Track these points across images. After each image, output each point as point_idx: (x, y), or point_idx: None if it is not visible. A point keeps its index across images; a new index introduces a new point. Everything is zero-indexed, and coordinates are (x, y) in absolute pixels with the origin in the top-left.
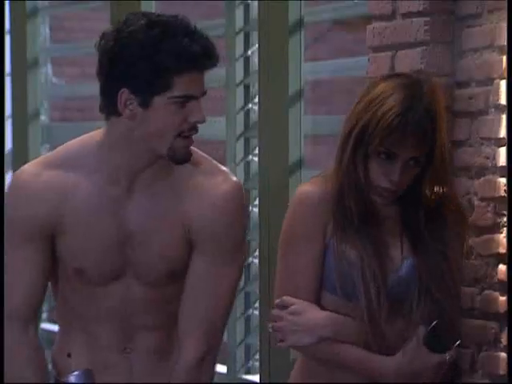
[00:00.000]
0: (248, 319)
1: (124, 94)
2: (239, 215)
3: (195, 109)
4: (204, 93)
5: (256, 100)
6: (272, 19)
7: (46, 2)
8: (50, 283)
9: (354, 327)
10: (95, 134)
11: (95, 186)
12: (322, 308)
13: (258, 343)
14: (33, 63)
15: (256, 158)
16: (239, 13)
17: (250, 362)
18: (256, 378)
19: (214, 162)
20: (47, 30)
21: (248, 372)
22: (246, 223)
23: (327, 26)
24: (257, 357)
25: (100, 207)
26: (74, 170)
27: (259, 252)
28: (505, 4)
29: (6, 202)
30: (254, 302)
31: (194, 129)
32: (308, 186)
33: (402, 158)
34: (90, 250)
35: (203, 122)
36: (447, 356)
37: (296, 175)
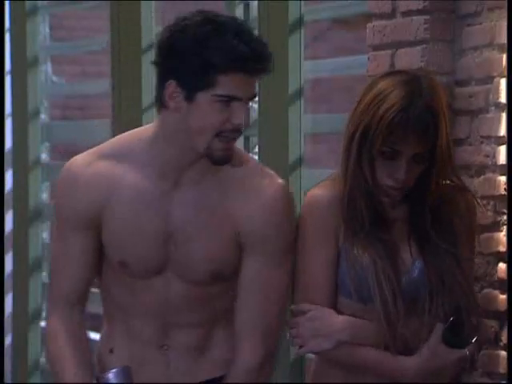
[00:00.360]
0: None
1: (171, 86)
2: (288, 216)
3: (238, 111)
4: (252, 97)
5: (256, 98)
6: (272, 18)
7: (46, 1)
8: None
9: (371, 330)
10: (148, 128)
11: (144, 179)
12: (339, 313)
13: None
14: (33, 62)
15: (256, 157)
16: (239, 12)
17: None
18: None
19: (260, 163)
20: (47, 29)
21: None
22: (295, 224)
23: (327, 24)
24: None
25: (147, 201)
26: (125, 162)
27: None
28: (505, 3)
29: (56, 190)
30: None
31: (237, 131)
32: (318, 190)
33: (406, 155)
34: (134, 244)
35: (245, 126)
36: (467, 351)
37: (296, 173)
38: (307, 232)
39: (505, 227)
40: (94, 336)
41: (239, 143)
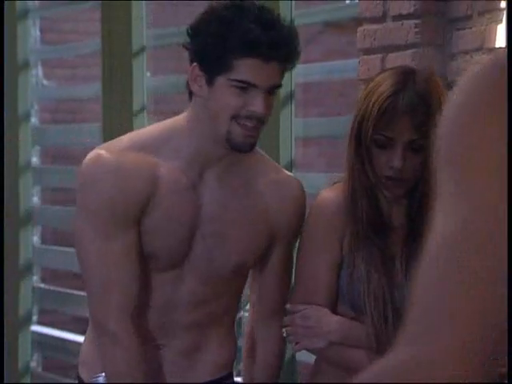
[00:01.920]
0: (239, 321)
1: (195, 69)
2: (305, 209)
3: (256, 99)
4: (273, 87)
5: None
6: None
7: (37, 4)
8: None
9: (363, 332)
10: (180, 117)
11: (175, 170)
12: (335, 313)
13: None
14: (23, 65)
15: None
16: None
17: (241, 364)
18: None
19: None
20: (38, 32)
21: (239, 374)
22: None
23: (318, 28)
24: None
25: (179, 192)
26: (155, 154)
27: None
28: (495, 5)
29: (93, 186)
30: (246, 305)
31: (254, 118)
32: (328, 193)
33: (401, 143)
34: (168, 234)
35: (261, 114)
36: None
37: None
38: (313, 234)
39: None
40: (79, 338)
41: None
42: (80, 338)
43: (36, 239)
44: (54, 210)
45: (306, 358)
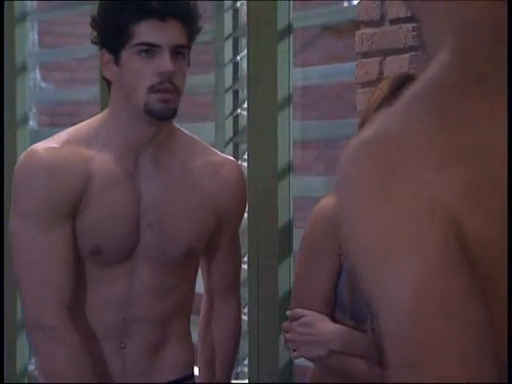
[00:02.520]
0: None
1: (105, 55)
2: (245, 189)
3: (162, 58)
4: (178, 46)
5: (245, 105)
6: (261, 25)
7: (35, 7)
8: None
9: (363, 341)
10: (106, 111)
11: (109, 161)
12: (333, 320)
13: (247, 348)
14: (21, 68)
15: (245, 164)
16: (228, 18)
17: (239, 368)
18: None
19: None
20: (36, 35)
21: (237, 377)
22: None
23: (316, 31)
24: (246, 362)
25: (115, 182)
26: (89, 147)
27: (248, 257)
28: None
29: (27, 183)
30: (243, 307)
31: (166, 82)
32: (327, 201)
33: None
34: (109, 227)
35: (170, 71)
36: None
37: (285, 180)
38: (312, 241)
39: None
40: None
41: (229, 149)
42: None
43: None
44: None
45: (302, 360)
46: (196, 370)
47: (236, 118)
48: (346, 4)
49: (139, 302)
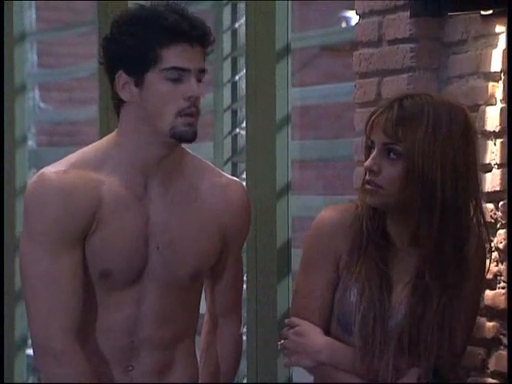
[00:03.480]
0: None
1: (121, 77)
2: (250, 210)
3: (189, 83)
4: (201, 70)
5: (243, 125)
6: (259, 45)
7: (34, 28)
8: None
9: (351, 356)
10: (115, 133)
11: (118, 184)
12: (328, 333)
13: (246, 367)
14: (20, 88)
15: (244, 183)
16: (227, 38)
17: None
18: None
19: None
20: (35, 56)
21: None
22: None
23: (315, 51)
24: (245, 381)
25: (125, 205)
26: (98, 171)
27: (246, 276)
28: (491, 30)
29: (38, 207)
30: (243, 325)
31: (193, 106)
32: (327, 212)
33: (378, 145)
34: (119, 249)
35: (198, 95)
36: None
37: (284, 200)
38: (309, 253)
39: (493, 254)
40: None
41: (227, 169)
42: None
43: None
44: None
45: (300, 379)
46: None
47: (235, 138)
48: (344, 25)
49: (147, 325)
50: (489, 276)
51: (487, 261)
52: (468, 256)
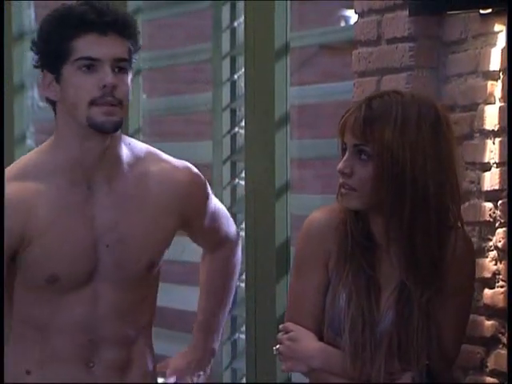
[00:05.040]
0: (234, 343)
1: (46, 76)
2: (205, 184)
3: (103, 71)
4: (117, 59)
5: (242, 124)
6: (258, 44)
7: (32, 26)
8: None
9: (343, 362)
10: (48, 139)
11: (57, 189)
12: (321, 337)
13: (245, 367)
14: (19, 87)
15: (242, 182)
16: (226, 37)
17: None
18: None
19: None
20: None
21: None
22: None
23: (313, 50)
24: (244, 381)
25: (66, 209)
26: (34, 179)
27: (245, 276)
28: (490, 29)
29: None
30: (241, 326)
31: (108, 95)
32: (316, 214)
33: (349, 147)
34: (64, 254)
35: (111, 84)
36: None
37: (282, 199)
38: (299, 256)
39: (490, 253)
40: None
41: (226, 168)
42: None
43: None
44: None
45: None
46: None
47: (233, 137)
48: (343, 23)
49: (104, 322)
50: (487, 275)
51: (483, 261)
52: (448, 256)
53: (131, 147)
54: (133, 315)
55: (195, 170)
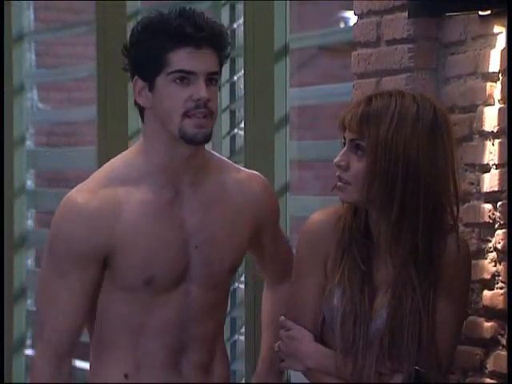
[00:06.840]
0: (234, 345)
1: (137, 83)
2: (274, 192)
3: (197, 86)
4: (210, 73)
5: (242, 125)
6: (258, 45)
7: (32, 28)
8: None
9: (336, 362)
10: (138, 142)
11: (146, 194)
12: (320, 336)
13: (244, 369)
14: (18, 88)
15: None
16: None
17: None
18: None
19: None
20: (33, 56)
21: None
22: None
23: (313, 51)
24: (243, 381)
25: (157, 212)
26: (124, 184)
27: (245, 277)
28: (489, 30)
29: (58, 224)
30: (240, 328)
31: (202, 107)
32: (316, 215)
33: (347, 142)
34: (160, 256)
35: (205, 98)
36: None
37: (282, 200)
38: (299, 256)
39: (489, 254)
40: (82, 365)
41: None
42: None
43: (30, 262)
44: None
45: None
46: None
47: (233, 138)
48: (342, 25)
49: (194, 322)
50: (487, 276)
51: (481, 262)
52: (441, 257)
53: (210, 155)
54: (217, 315)
55: (265, 179)
